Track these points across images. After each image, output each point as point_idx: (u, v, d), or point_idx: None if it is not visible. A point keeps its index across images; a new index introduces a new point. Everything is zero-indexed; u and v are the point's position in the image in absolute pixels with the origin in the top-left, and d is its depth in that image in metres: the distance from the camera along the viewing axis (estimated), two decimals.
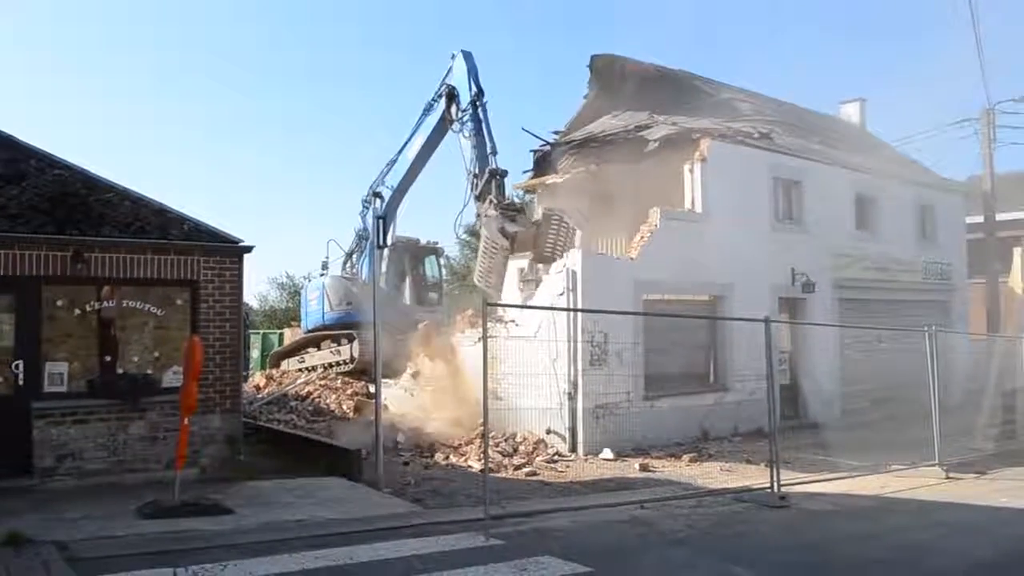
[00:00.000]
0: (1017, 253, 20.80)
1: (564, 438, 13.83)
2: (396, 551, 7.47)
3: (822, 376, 17.86)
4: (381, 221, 13.01)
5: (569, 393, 13.87)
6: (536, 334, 14.15)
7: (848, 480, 11.85)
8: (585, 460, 13.31)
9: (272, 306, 40.43)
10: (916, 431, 13.63)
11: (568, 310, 13.62)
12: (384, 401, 12.33)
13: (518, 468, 12.49)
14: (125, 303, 10.51)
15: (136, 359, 10.60)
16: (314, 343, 21.53)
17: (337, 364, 20.31)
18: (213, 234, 11.15)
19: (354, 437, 13.04)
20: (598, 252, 15.60)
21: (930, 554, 7.92)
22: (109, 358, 10.39)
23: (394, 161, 19.11)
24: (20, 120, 73.55)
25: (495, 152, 15.91)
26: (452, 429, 14.75)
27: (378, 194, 18.70)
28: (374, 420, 10.99)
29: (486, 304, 9.72)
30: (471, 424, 14.21)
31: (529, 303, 14.77)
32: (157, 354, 10.68)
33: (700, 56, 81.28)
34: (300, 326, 23.64)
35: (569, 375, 13.90)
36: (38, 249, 9.79)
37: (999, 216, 23.38)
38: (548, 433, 14.00)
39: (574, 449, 13.71)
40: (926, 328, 13.69)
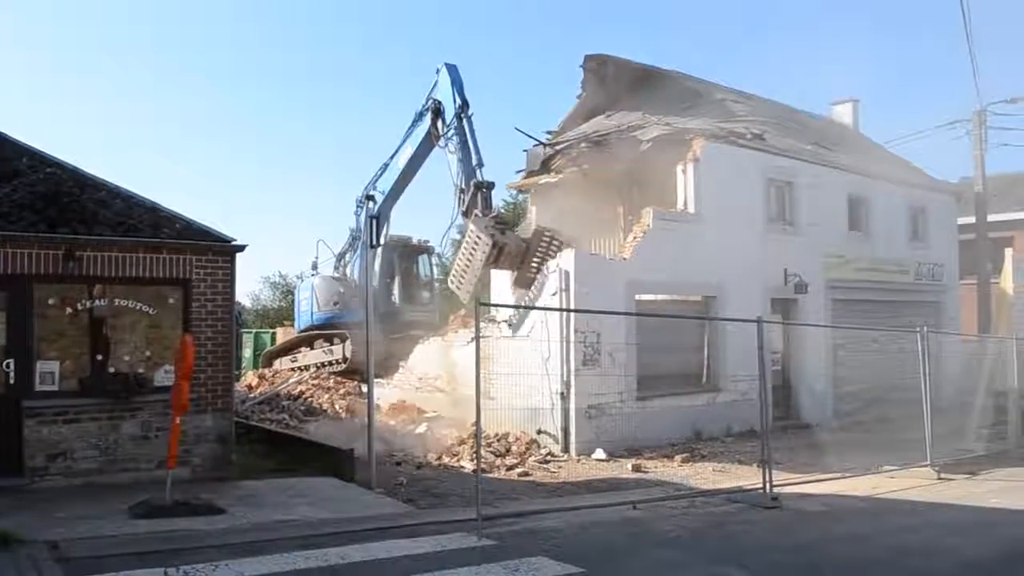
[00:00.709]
0: (1008, 254, 20.90)
1: (556, 438, 13.84)
2: (388, 551, 7.46)
3: (814, 377, 17.91)
4: (374, 221, 13.02)
5: (562, 393, 13.87)
6: (529, 334, 14.15)
7: (840, 481, 11.86)
8: (578, 460, 13.31)
9: (265, 305, 40.37)
10: (908, 432, 13.68)
11: (561, 310, 13.62)
12: (376, 401, 12.32)
13: (511, 468, 12.49)
14: (117, 302, 10.45)
15: (128, 358, 10.54)
16: (307, 342, 21.49)
17: (329, 364, 20.28)
18: (205, 233, 11.11)
19: (346, 436, 13.03)
20: (591, 252, 15.60)
21: (922, 554, 7.94)
22: (101, 357, 10.33)
23: (387, 165, 19.07)
24: (19, 120, 73.31)
25: (481, 164, 15.84)
26: (444, 429, 14.74)
27: (371, 197, 18.68)
28: (367, 420, 10.98)
29: (478, 303, 9.72)
30: (463, 424, 14.21)
31: (522, 303, 14.77)
32: (149, 353, 10.63)
33: (697, 57, 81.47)
34: (293, 325, 23.64)
35: (562, 375, 13.90)
36: (29, 247, 9.74)
37: (990, 217, 23.58)
38: (539, 433, 14.00)
39: (567, 449, 13.71)
40: (918, 329, 13.74)
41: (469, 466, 12.22)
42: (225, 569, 6.71)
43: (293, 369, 21.32)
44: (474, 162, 15.78)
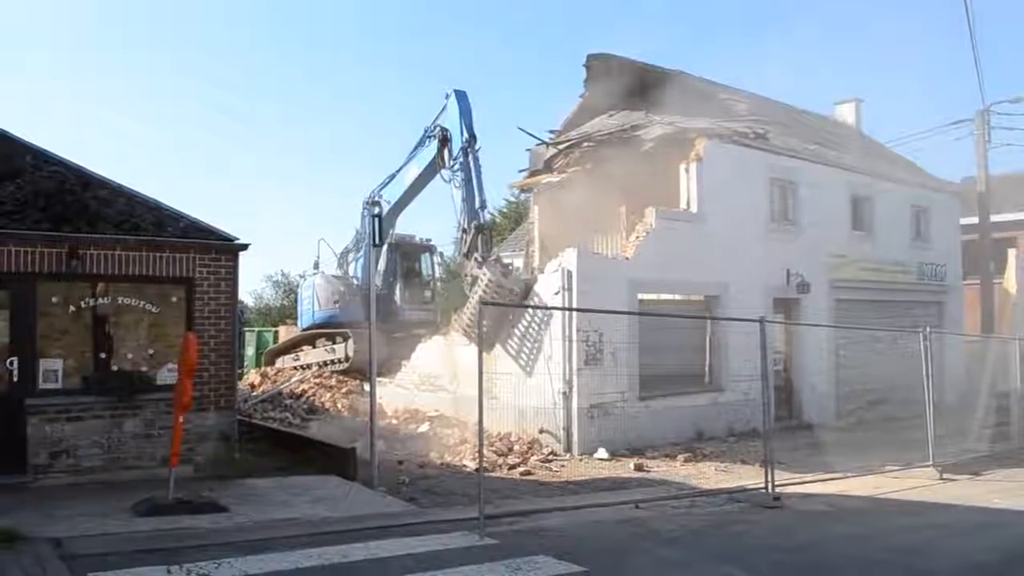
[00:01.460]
0: (1011, 254, 20.90)
1: (558, 438, 13.84)
2: (390, 550, 7.46)
3: (817, 377, 17.90)
4: (378, 220, 13.00)
5: (564, 392, 13.87)
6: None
7: (842, 481, 11.86)
8: (580, 460, 13.31)
9: (267, 304, 40.45)
10: (910, 432, 13.66)
11: (563, 309, 13.62)
12: (379, 400, 12.33)
13: (513, 468, 12.49)
14: (120, 300, 10.48)
15: (131, 356, 10.57)
16: (309, 341, 21.52)
17: (332, 363, 20.30)
18: (208, 231, 11.12)
19: (348, 435, 13.05)
20: (593, 251, 15.61)
21: (924, 555, 7.93)
22: (104, 355, 10.36)
23: (393, 176, 18.96)
24: (20, 120, 73.43)
25: (484, 207, 15.84)
26: (446, 428, 14.75)
27: (376, 203, 18.65)
28: (369, 419, 10.99)
29: (482, 304, 9.73)
30: (465, 423, 14.22)
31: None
32: (152, 351, 10.65)
33: (697, 56, 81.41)
34: (296, 324, 23.66)
35: (564, 374, 13.89)
36: (33, 246, 9.75)
37: (993, 217, 23.54)
38: (541, 433, 14.00)
39: (569, 449, 13.71)
40: (921, 329, 13.72)
41: (471, 465, 12.23)
42: (228, 567, 6.71)
43: (295, 368, 21.35)
44: (477, 204, 15.63)
